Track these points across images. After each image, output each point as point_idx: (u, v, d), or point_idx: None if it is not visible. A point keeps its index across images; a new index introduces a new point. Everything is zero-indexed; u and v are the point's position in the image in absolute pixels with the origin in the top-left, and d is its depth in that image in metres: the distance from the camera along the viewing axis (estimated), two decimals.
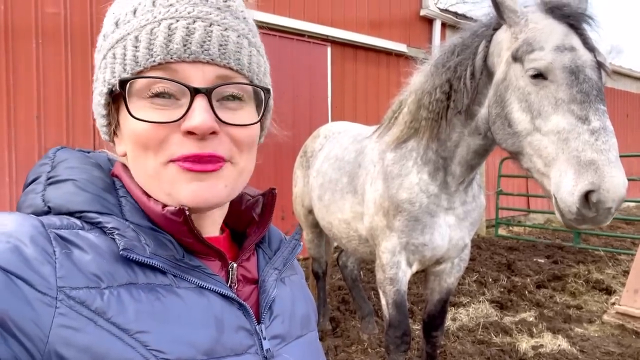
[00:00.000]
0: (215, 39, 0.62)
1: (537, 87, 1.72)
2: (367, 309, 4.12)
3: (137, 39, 0.61)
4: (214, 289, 0.64)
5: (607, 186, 1.47)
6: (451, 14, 8.79)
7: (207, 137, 0.61)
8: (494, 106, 1.92)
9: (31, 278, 0.51)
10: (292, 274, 0.83)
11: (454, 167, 2.28)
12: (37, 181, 0.65)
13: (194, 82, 0.61)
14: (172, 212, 0.62)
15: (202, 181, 0.62)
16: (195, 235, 0.64)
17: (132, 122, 0.61)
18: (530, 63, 1.72)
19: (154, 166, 0.62)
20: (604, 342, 3.93)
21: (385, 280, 2.51)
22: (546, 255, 6.78)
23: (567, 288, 5.26)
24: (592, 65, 1.67)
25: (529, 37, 1.76)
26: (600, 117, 1.58)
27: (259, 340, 0.66)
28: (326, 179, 3.02)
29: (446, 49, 2.19)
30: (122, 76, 0.61)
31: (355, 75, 7.17)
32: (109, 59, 0.64)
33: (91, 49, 4.73)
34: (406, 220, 2.36)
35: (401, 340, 2.54)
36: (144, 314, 0.56)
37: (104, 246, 0.58)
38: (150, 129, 0.60)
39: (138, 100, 0.61)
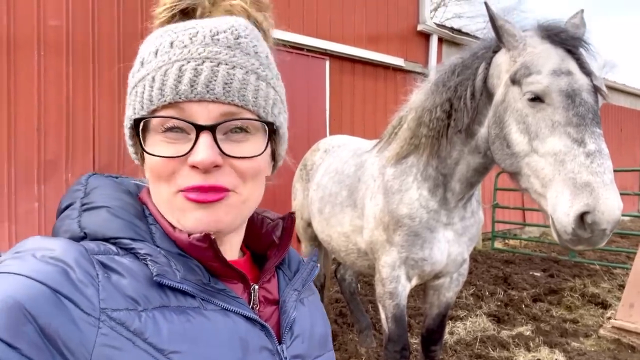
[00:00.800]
0: (221, 79, 0.66)
1: (534, 110, 1.76)
2: (365, 322, 4.12)
3: (153, 80, 0.67)
4: (238, 311, 0.67)
5: (601, 208, 1.51)
6: (447, 29, 8.91)
7: (211, 170, 0.65)
8: (493, 127, 1.97)
9: (77, 299, 0.55)
10: (310, 295, 0.86)
11: (454, 184, 2.31)
12: (72, 207, 0.69)
13: (199, 119, 0.66)
14: (197, 239, 0.66)
15: (206, 210, 0.66)
16: (220, 259, 0.67)
17: (148, 155, 0.67)
18: (528, 86, 1.77)
19: (167, 195, 0.68)
20: (600, 356, 3.94)
21: (384, 294, 2.52)
22: (542, 269, 6.80)
23: (564, 302, 5.29)
24: (588, 89, 1.71)
25: (526, 61, 1.81)
26: (595, 139, 1.62)
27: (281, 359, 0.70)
28: (326, 193, 3.05)
29: (447, 69, 2.23)
30: (141, 114, 0.68)
31: (353, 88, 7.24)
32: (132, 96, 0.70)
33: (92, 61, 4.77)
34: (406, 235, 2.39)
35: (400, 354, 2.55)
36: (176, 335, 0.59)
37: (138, 271, 0.62)
38: (161, 162, 0.66)
39: (154, 135, 0.67)
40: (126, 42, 4.94)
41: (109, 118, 4.85)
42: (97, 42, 4.80)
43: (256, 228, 0.81)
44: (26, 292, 0.52)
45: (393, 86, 7.69)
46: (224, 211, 0.67)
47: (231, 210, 0.68)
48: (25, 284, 0.53)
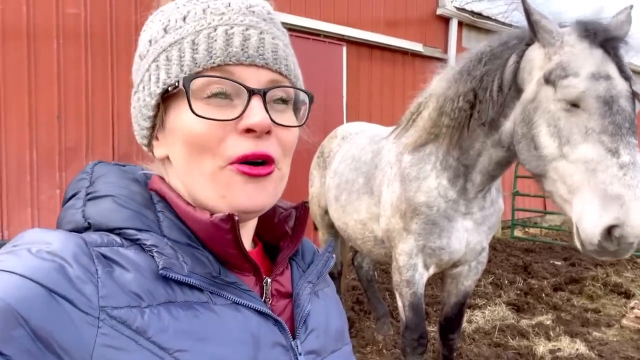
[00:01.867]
0: (268, 46, 0.65)
1: (568, 114, 1.69)
2: (382, 309, 4.11)
3: (194, 42, 0.63)
4: (250, 305, 0.64)
5: (632, 223, 1.47)
6: (467, 13, 8.71)
7: (262, 136, 0.63)
8: (520, 125, 1.89)
9: (74, 298, 0.52)
10: (325, 287, 0.82)
11: (475, 175, 2.26)
12: (77, 197, 0.66)
13: (249, 83, 0.63)
14: (221, 218, 0.62)
15: (256, 184, 0.64)
16: (238, 245, 0.64)
17: (188, 121, 0.62)
18: (564, 89, 1.69)
19: (211, 168, 0.63)
20: (622, 346, 3.87)
21: (401, 282, 2.50)
22: (563, 258, 6.69)
23: (585, 291, 5.20)
24: (627, 95, 1.64)
25: (563, 61, 1.72)
26: (630, 151, 1.57)
27: (295, 356, 0.66)
28: (343, 180, 3.03)
29: (473, 57, 2.14)
30: (179, 76, 0.63)
31: (371, 74, 7.15)
32: (161, 61, 0.65)
33: (111, 49, 4.79)
34: (423, 223, 2.36)
35: (418, 342, 2.54)
36: (182, 333, 0.57)
37: (143, 264, 0.59)
38: (209, 127, 0.62)
39: (194, 101, 0.62)
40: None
41: (127, 106, 4.85)
42: (115, 30, 4.82)
43: (268, 217, 0.77)
44: (17, 292, 0.49)
45: (411, 72, 7.58)
46: (271, 186, 0.66)
47: (276, 186, 0.67)
48: (16, 284, 0.50)
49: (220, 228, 0.63)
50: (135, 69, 0.70)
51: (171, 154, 0.67)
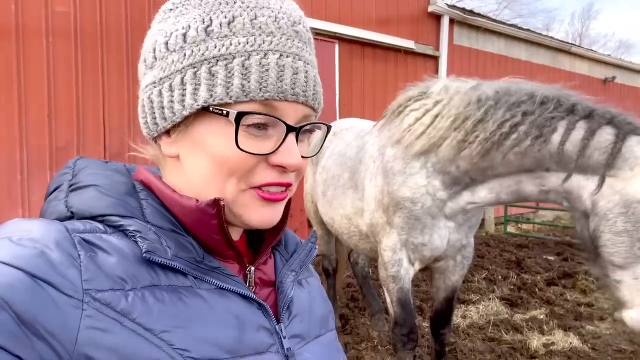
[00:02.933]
0: (311, 81, 0.65)
1: None
2: (377, 306, 4.12)
3: (244, 67, 0.61)
4: (234, 290, 0.64)
5: None
6: (459, 10, 8.74)
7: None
8: (622, 219, 1.88)
9: (58, 282, 0.52)
10: (309, 277, 0.83)
11: (481, 190, 2.21)
12: (60, 189, 0.66)
13: (288, 119, 0.64)
14: (207, 203, 0.63)
15: (270, 207, 0.66)
16: (223, 231, 0.64)
17: (225, 147, 0.62)
18: None
19: (233, 191, 0.64)
20: (615, 340, 3.91)
21: (388, 278, 2.51)
22: (556, 253, 6.74)
23: (578, 286, 5.23)
24: None
25: None
26: None
27: (280, 339, 0.67)
28: (330, 175, 3.05)
29: (531, 94, 2.05)
30: (225, 100, 0.61)
31: (363, 72, 7.15)
32: (203, 73, 0.62)
33: (102, 47, 4.76)
34: (406, 217, 2.36)
35: (408, 338, 2.54)
36: (168, 315, 0.57)
37: (127, 249, 0.59)
38: (243, 159, 0.62)
39: (225, 126, 0.62)
40: (134, 29, 4.92)
41: (118, 105, 4.85)
42: (106, 29, 4.79)
43: None
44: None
45: (404, 69, 7.60)
46: (281, 207, 0.69)
47: (284, 205, 0.70)
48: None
49: (206, 213, 0.63)
50: (158, 55, 0.65)
51: (187, 160, 0.65)
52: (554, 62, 10.75)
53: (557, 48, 10.80)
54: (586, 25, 39.79)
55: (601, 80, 12.12)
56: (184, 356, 0.56)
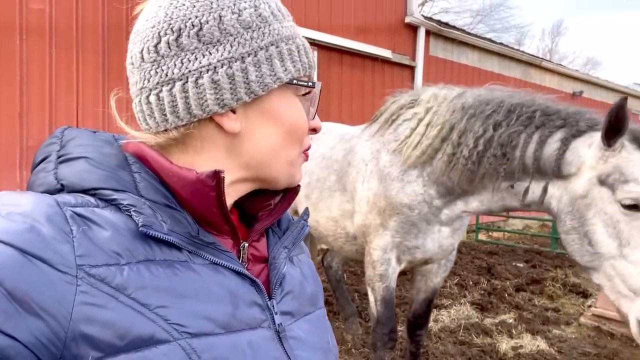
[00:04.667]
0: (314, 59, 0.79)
1: (629, 218, 1.74)
2: (350, 309, 4.15)
3: (298, 49, 0.70)
4: (227, 265, 0.65)
5: None
6: (435, 22, 8.95)
7: None
8: (569, 217, 1.91)
9: (50, 257, 0.51)
10: (300, 253, 0.85)
11: (472, 200, 2.27)
12: (47, 160, 0.64)
13: None
14: (207, 174, 0.63)
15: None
16: (221, 203, 0.64)
17: (297, 115, 0.71)
18: (626, 194, 1.73)
19: (296, 154, 0.73)
20: (580, 343, 4.04)
21: (374, 276, 2.54)
22: (525, 260, 6.92)
23: (545, 291, 5.39)
24: None
25: (621, 166, 1.76)
26: None
27: (271, 315, 0.68)
28: (313, 178, 3.05)
29: (501, 103, 2.11)
30: (294, 75, 0.69)
31: (341, 79, 7.23)
32: (284, 50, 0.68)
33: (76, 46, 4.68)
34: (402, 222, 2.40)
35: (388, 337, 2.58)
36: (162, 290, 0.57)
37: (120, 223, 0.58)
38: (305, 123, 0.73)
39: (293, 97, 0.71)
40: (111, 29, 4.86)
41: (93, 105, 4.77)
42: (82, 27, 4.72)
43: None
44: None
45: (381, 78, 7.72)
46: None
47: None
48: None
49: (206, 184, 0.63)
50: (230, 33, 0.64)
51: (255, 132, 0.68)
52: (524, 75, 11.09)
53: (528, 62, 11.15)
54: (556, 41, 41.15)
55: (570, 94, 12.55)
56: (179, 331, 0.56)
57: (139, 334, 0.53)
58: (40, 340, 0.49)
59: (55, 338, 0.50)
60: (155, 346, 0.54)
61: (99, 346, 0.51)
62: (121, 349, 0.52)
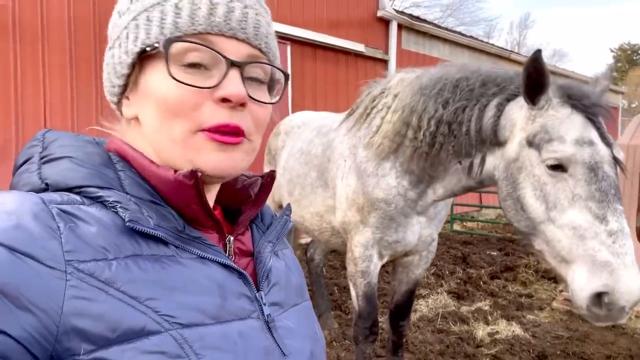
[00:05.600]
0: (251, 21, 0.66)
1: (554, 179, 1.67)
2: (325, 305, 4.16)
3: (177, 6, 0.63)
4: (215, 259, 0.65)
5: (621, 289, 1.48)
6: (406, 16, 9.02)
7: (237, 108, 0.64)
8: (505, 182, 1.86)
9: (38, 254, 0.51)
10: (284, 248, 0.86)
11: (438, 187, 2.26)
12: (30, 161, 0.64)
13: (229, 55, 0.64)
14: (184, 174, 0.63)
15: (225, 152, 0.64)
16: (202, 201, 0.65)
17: (164, 85, 0.62)
18: (550, 154, 1.66)
19: (182, 132, 0.63)
20: (553, 327, 4.17)
21: (356, 273, 2.54)
22: (498, 248, 7.09)
23: (519, 278, 5.53)
24: (609, 161, 1.64)
25: (547, 125, 1.69)
26: (618, 218, 1.56)
27: (260, 306, 0.69)
28: (294, 175, 3.03)
29: (448, 79, 2.07)
30: (158, 38, 0.62)
31: (315, 73, 7.23)
32: (142, 21, 0.64)
33: (42, 41, 4.54)
34: (381, 218, 2.40)
35: (370, 331, 2.60)
36: (151, 283, 0.57)
37: (107, 219, 0.58)
38: (185, 93, 0.62)
39: (172, 66, 0.62)
40: (77, 24, 4.73)
41: (61, 102, 4.64)
42: (47, 23, 4.57)
43: (231, 184, 0.79)
44: None
45: (354, 71, 7.74)
46: (240, 156, 0.67)
47: (245, 156, 0.68)
48: None
49: (184, 184, 0.63)
50: (112, 25, 0.69)
51: (141, 115, 0.66)
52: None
53: (497, 54, 11.37)
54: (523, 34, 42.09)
55: None
56: (170, 322, 0.56)
57: (130, 326, 0.54)
58: (32, 334, 0.49)
59: (47, 332, 0.50)
60: (147, 337, 0.55)
61: (91, 339, 0.52)
62: (113, 341, 0.53)
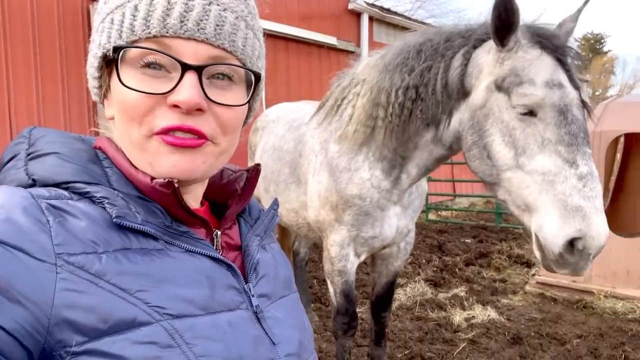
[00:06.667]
0: (213, 19, 0.63)
1: (523, 124, 1.62)
2: (305, 299, 4.17)
3: (136, 8, 0.61)
4: (203, 252, 0.66)
5: (593, 234, 1.46)
6: (377, 8, 9.05)
7: (193, 112, 0.62)
8: (470, 132, 1.80)
9: (28, 247, 0.52)
10: (271, 242, 0.86)
11: (411, 168, 2.21)
12: (17, 158, 0.64)
13: (186, 58, 0.61)
14: (161, 184, 0.63)
15: (183, 155, 0.63)
16: (183, 206, 0.65)
17: (121, 90, 0.62)
18: (520, 98, 1.61)
19: (138, 137, 0.63)
20: (527, 309, 4.30)
21: (333, 271, 2.54)
22: (472, 236, 7.25)
23: (493, 264, 5.68)
24: (578, 104, 1.61)
25: (516, 67, 1.64)
26: (587, 161, 1.54)
27: (248, 297, 0.70)
28: (268, 171, 2.99)
29: (410, 47, 2.01)
30: (117, 43, 0.62)
31: (288, 67, 7.20)
32: (107, 23, 0.64)
33: (4, 39, 4.37)
34: (356, 214, 2.35)
35: (349, 326, 2.61)
36: (141, 275, 0.58)
37: (96, 214, 0.59)
38: (138, 98, 0.61)
39: (129, 69, 0.61)
40: (41, 19, 4.58)
41: (26, 100, 4.49)
42: (8, 18, 4.41)
43: (216, 179, 0.80)
44: None
45: (327, 64, 7.74)
46: (201, 159, 0.65)
47: (208, 159, 0.66)
48: None
49: (161, 192, 0.64)
50: (93, 25, 0.69)
51: (115, 116, 0.67)
52: None
53: None
54: None
55: None
56: (160, 313, 0.57)
57: (122, 317, 0.54)
58: (23, 327, 0.49)
59: (39, 324, 0.50)
60: (138, 328, 0.55)
61: (82, 330, 0.52)
62: (105, 332, 0.53)
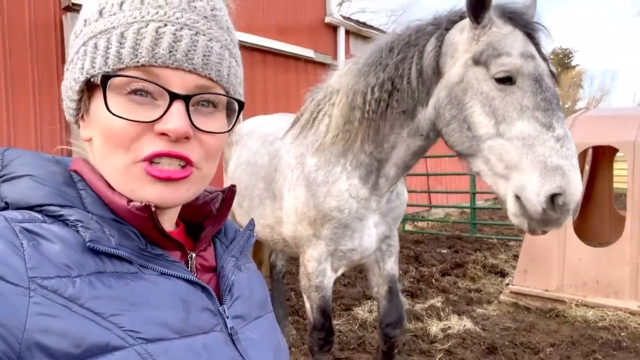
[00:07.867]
0: (200, 49, 0.64)
1: (502, 93, 1.74)
2: (282, 313, 4.15)
3: (122, 36, 0.62)
4: (178, 275, 0.67)
5: (572, 190, 1.59)
6: (353, 22, 9.19)
7: (180, 140, 0.63)
8: (448, 107, 1.89)
9: (1, 271, 0.51)
10: (247, 262, 0.87)
11: (389, 169, 2.24)
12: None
13: (174, 87, 0.63)
14: (137, 207, 0.63)
15: (167, 186, 0.64)
16: (158, 229, 0.66)
17: (106, 116, 0.62)
18: (499, 67, 1.72)
19: (123, 164, 0.63)
20: (502, 319, 4.38)
21: (310, 287, 2.51)
22: (448, 246, 7.35)
23: (468, 274, 5.77)
24: (548, 74, 1.75)
25: (493, 41, 1.76)
26: (561, 124, 1.68)
27: (223, 319, 0.70)
28: (242, 186, 2.95)
29: (381, 47, 2.10)
30: (104, 70, 0.62)
31: (265, 79, 7.22)
32: (89, 47, 0.64)
33: None
34: (335, 227, 2.33)
35: (324, 341, 2.58)
36: (116, 299, 0.58)
37: (69, 237, 0.59)
38: (125, 126, 0.61)
39: (115, 96, 0.62)
40: (12, 29, 4.49)
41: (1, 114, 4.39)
42: None
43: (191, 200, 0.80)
44: None
45: (305, 77, 7.80)
46: (185, 188, 0.66)
47: (192, 186, 0.67)
48: None
49: (138, 215, 0.64)
50: (70, 46, 0.68)
51: (93, 139, 0.67)
52: None
53: None
54: None
55: None
56: (134, 337, 0.57)
57: (95, 342, 0.54)
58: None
59: (9, 349, 0.50)
60: (111, 353, 0.55)
61: (55, 355, 0.52)
62: (77, 357, 0.53)
